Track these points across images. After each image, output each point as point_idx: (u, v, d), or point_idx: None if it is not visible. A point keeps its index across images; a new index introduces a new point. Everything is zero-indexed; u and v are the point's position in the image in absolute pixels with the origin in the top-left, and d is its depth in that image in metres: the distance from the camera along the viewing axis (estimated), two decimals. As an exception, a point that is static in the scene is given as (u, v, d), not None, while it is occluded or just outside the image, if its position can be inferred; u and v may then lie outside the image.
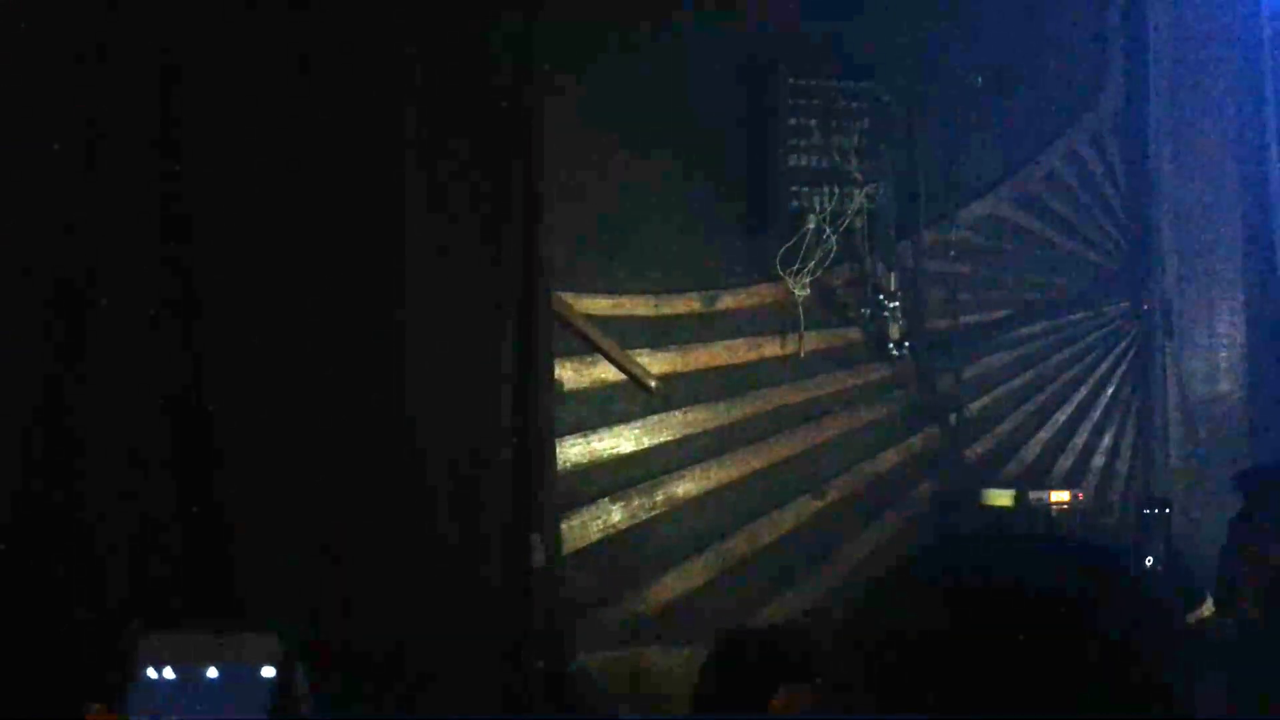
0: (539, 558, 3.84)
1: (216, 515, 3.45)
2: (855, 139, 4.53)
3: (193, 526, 3.42)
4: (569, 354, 4.24)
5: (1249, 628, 3.26)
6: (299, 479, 3.54)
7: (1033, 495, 4.59)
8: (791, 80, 4.51)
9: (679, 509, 4.42)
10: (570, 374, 4.26)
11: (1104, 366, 5.05)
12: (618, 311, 4.37)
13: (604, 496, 4.32)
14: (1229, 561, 3.40)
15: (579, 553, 4.22)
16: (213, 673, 0.90)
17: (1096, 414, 5.02)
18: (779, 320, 4.54)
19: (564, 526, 4.09)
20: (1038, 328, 4.95)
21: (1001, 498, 4.61)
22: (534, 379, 3.84)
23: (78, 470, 3.34)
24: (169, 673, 0.90)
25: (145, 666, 0.89)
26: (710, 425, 4.48)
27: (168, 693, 0.89)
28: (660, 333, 4.43)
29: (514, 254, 3.82)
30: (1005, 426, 4.89)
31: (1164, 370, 5.04)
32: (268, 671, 0.91)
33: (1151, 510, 3.96)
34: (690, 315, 4.47)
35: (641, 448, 4.39)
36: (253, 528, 3.47)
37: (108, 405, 3.37)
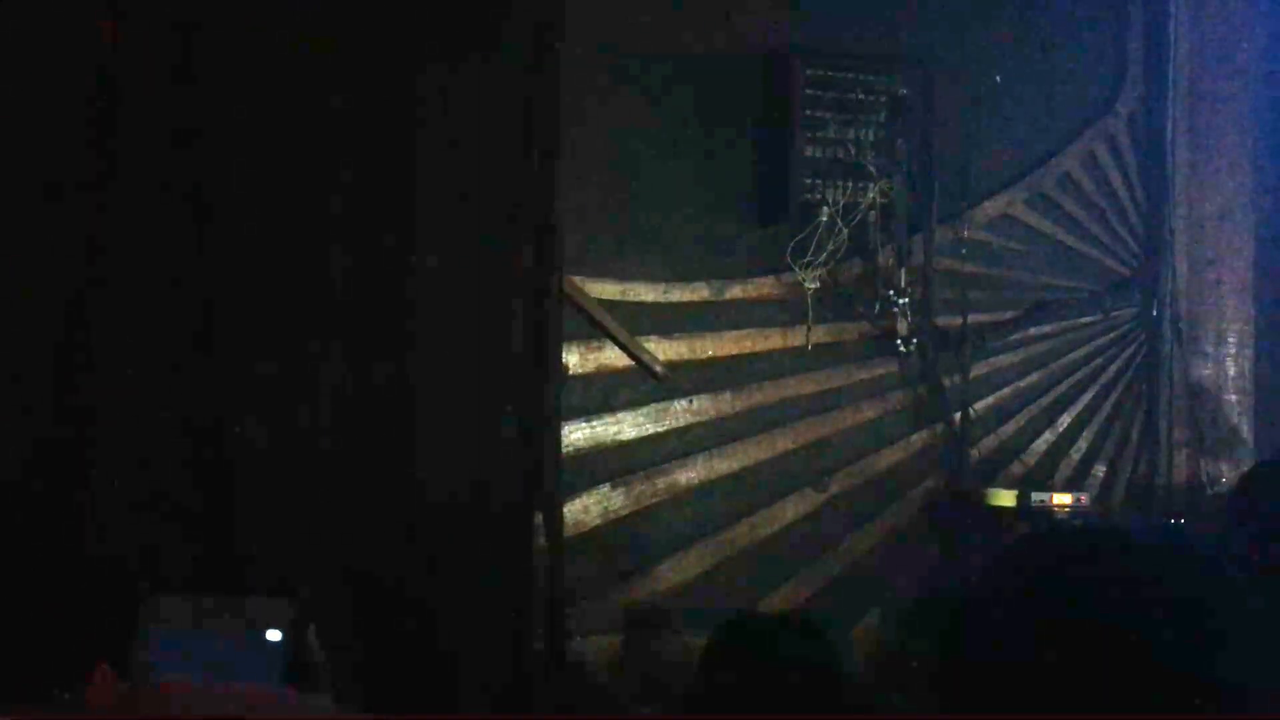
0: (540, 541, 3.82)
1: (225, 503, 3.44)
2: (871, 132, 4.51)
3: (200, 509, 3.42)
4: (575, 338, 4.23)
5: None
6: (301, 457, 3.53)
7: (1035, 497, 4.57)
8: (808, 71, 4.48)
9: (681, 497, 4.41)
10: (576, 358, 4.25)
11: (1111, 371, 5.03)
12: (627, 297, 4.35)
13: (606, 482, 4.31)
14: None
15: (579, 537, 4.21)
16: (218, 636, 0.89)
17: (1102, 418, 5.00)
18: (787, 312, 4.53)
19: (565, 510, 4.08)
20: (1046, 329, 4.93)
21: (1004, 498, 4.59)
22: (543, 361, 3.82)
23: (87, 437, 3.33)
24: (174, 635, 0.88)
25: (150, 629, 0.87)
26: (715, 415, 4.47)
27: (172, 655, 0.87)
28: (668, 320, 4.42)
29: (528, 234, 3.80)
30: (1010, 427, 4.87)
31: (1171, 377, 5.02)
32: (274, 635, 0.89)
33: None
34: (699, 304, 4.46)
35: (645, 435, 4.38)
36: (256, 503, 3.46)
37: (116, 370, 3.36)
